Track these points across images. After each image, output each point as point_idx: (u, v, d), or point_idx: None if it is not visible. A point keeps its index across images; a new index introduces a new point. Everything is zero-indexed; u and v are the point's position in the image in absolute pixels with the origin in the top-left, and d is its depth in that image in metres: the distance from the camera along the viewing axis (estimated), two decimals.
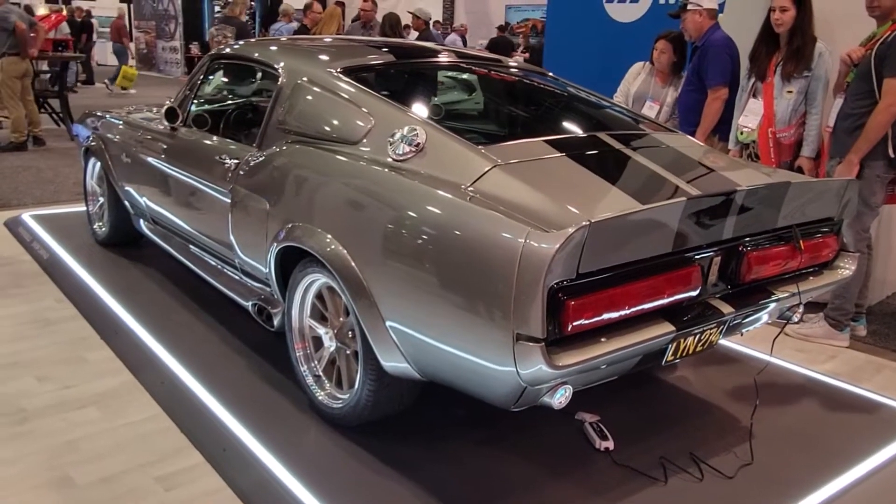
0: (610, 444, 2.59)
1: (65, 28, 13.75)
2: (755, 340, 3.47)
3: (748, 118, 4.18)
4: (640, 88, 4.80)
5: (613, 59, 6.03)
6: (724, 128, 4.42)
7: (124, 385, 2.97)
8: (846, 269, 2.75)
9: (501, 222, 1.99)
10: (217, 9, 20.27)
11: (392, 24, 7.16)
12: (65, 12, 15.21)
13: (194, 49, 19.65)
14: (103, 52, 19.62)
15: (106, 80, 14.93)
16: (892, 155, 3.57)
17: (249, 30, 7.12)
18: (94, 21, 17.02)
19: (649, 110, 4.72)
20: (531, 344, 1.87)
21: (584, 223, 1.85)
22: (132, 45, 15.65)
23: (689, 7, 4.40)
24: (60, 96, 9.03)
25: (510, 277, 1.89)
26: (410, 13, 7.58)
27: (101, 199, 4.54)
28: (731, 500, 2.38)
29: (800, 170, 3.97)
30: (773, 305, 2.52)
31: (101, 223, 4.61)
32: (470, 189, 2.20)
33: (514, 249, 1.89)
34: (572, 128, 3.13)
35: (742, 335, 2.81)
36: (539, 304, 1.85)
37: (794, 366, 3.40)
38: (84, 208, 4.86)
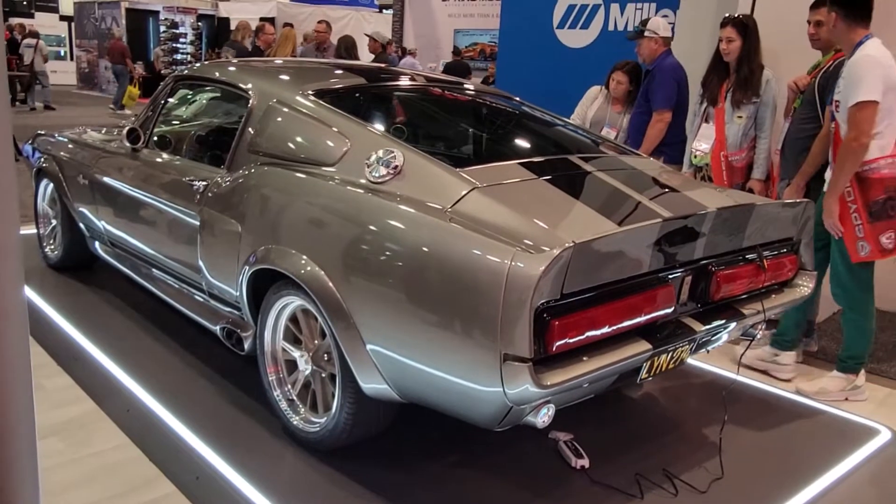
0: (585, 462, 2.62)
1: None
2: (716, 357, 3.58)
3: (701, 142, 4.33)
4: (598, 114, 4.92)
5: (564, 83, 6.20)
6: (666, 150, 4.57)
7: (87, 414, 2.87)
8: (805, 286, 2.86)
9: (486, 244, 2.01)
10: (163, 29, 19.98)
11: (347, 47, 7.18)
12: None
13: (138, 69, 19.30)
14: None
15: (111, 106, 14.56)
16: None
17: (250, 53, 7.15)
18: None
19: (607, 135, 4.85)
20: (518, 364, 1.90)
21: (568, 244, 1.89)
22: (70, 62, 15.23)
23: (646, 34, 4.55)
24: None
25: (497, 299, 1.91)
26: (367, 35, 7.62)
27: (54, 222, 4.41)
28: None
29: (751, 191, 4.12)
30: (739, 322, 2.60)
31: (52, 246, 4.47)
32: (450, 211, 2.22)
33: (501, 271, 1.92)
34: (543, 150, 3.19)
35: (708, 352, 2.90)
36: (526, 325, 1.88)
37: (757, 382, 3.52)
38: (33, 230, 4.71)
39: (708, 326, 2.46)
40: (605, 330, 2.09)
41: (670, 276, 2.32)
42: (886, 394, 3.55)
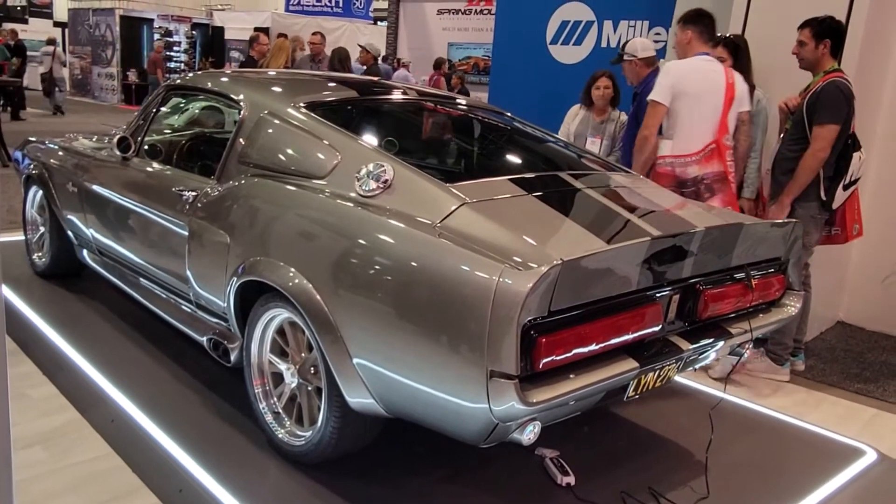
0: (571, 480, 2.62)
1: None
2: (704, 376, 3.58)
3: None
4: (579, 128, 4.97)
5: (556, 99, 6.20)
6: None
7: (71, 423, 2.84)
8: (792, 306, 2.88)
9: (475, 260, 2.01)
10: (157, 37, 19.96)
11: (341, 59, 7.18)
12: None
13: (132, 76, 19.31)
14: (35, 77, 19.05)
15: None
16: (823, 197, 3.77)
17: (245, 63, 7.22)
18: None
19: (592, 145, 4.88)
20: (504, 381, 1.89)
21: (556, 262, 1.89)
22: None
23: (624, 58, 4.56)
24: None
25: (484, 315, 1.91)
26: (360, 46, 7.63)
27: (42, 229, 4.38)
28: None
29: (741, 210, 4.14)
30: (726, 341, 2.61)
31: (40, 253, 4.45)
32: (439, 226, 2.22)
33: (489, 287, 1.92)
34: (533, 167, 3.20)
35: (695, 371, 2.91)
36: (513, 341, 1.88)
37: (744, 401, 3.52)
38: (21, 237, 4.68)
39: (695, 345, 2.46)
40: (593, 347, 2.09)
41: (658, 295, 2.32)
42: (873, 414, 3.56)
